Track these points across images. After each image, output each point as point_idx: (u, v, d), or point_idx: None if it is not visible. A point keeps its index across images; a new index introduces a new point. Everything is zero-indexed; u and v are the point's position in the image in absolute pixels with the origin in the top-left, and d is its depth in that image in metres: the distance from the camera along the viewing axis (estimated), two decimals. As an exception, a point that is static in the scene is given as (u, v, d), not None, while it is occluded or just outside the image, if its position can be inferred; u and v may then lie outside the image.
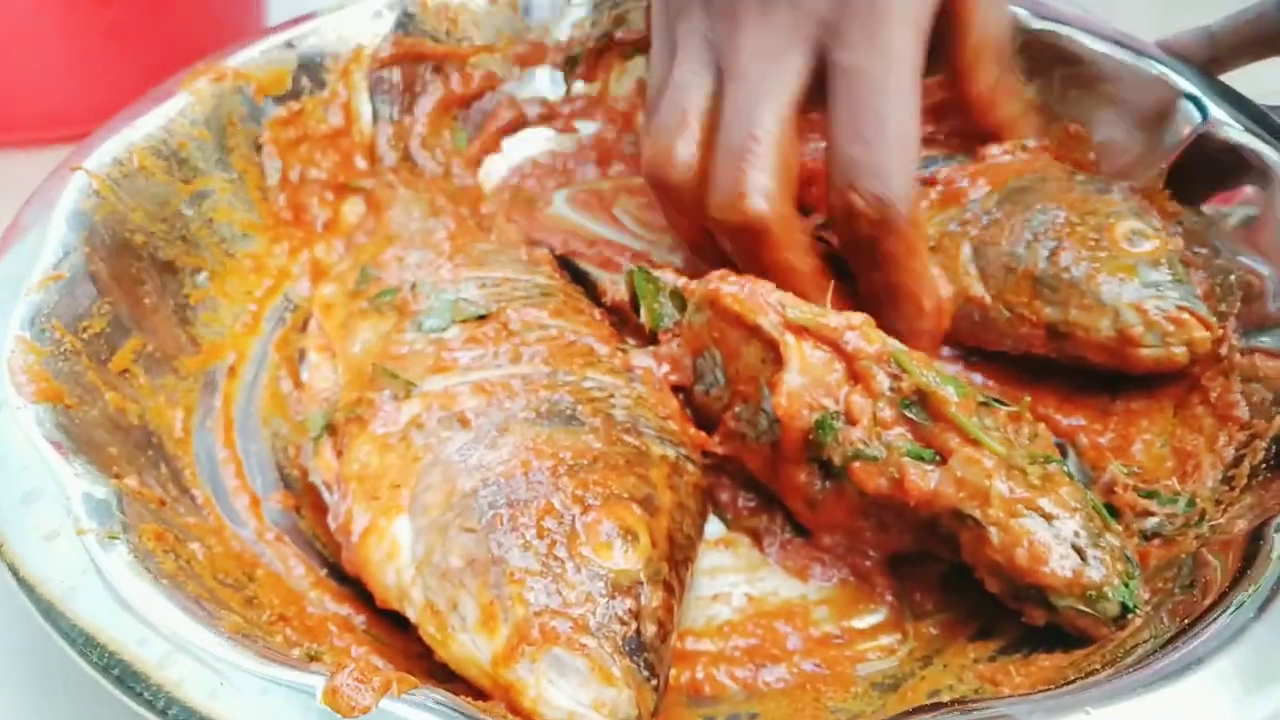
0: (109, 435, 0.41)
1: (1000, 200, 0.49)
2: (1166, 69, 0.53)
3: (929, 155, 0.52)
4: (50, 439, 0.37)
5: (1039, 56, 0.56)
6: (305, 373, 0.49)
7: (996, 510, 0.37)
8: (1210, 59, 0.53)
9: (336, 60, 0.57)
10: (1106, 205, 0.48)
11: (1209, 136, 0.50)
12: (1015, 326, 0.47)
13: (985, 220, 0.49)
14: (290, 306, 0.53)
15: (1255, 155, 0.48)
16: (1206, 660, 0.32)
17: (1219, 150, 0.50)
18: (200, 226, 0.51)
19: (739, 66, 0.46)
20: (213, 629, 0.32)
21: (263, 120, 0.54)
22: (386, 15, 0.59)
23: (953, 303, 0.48)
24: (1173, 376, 0.46)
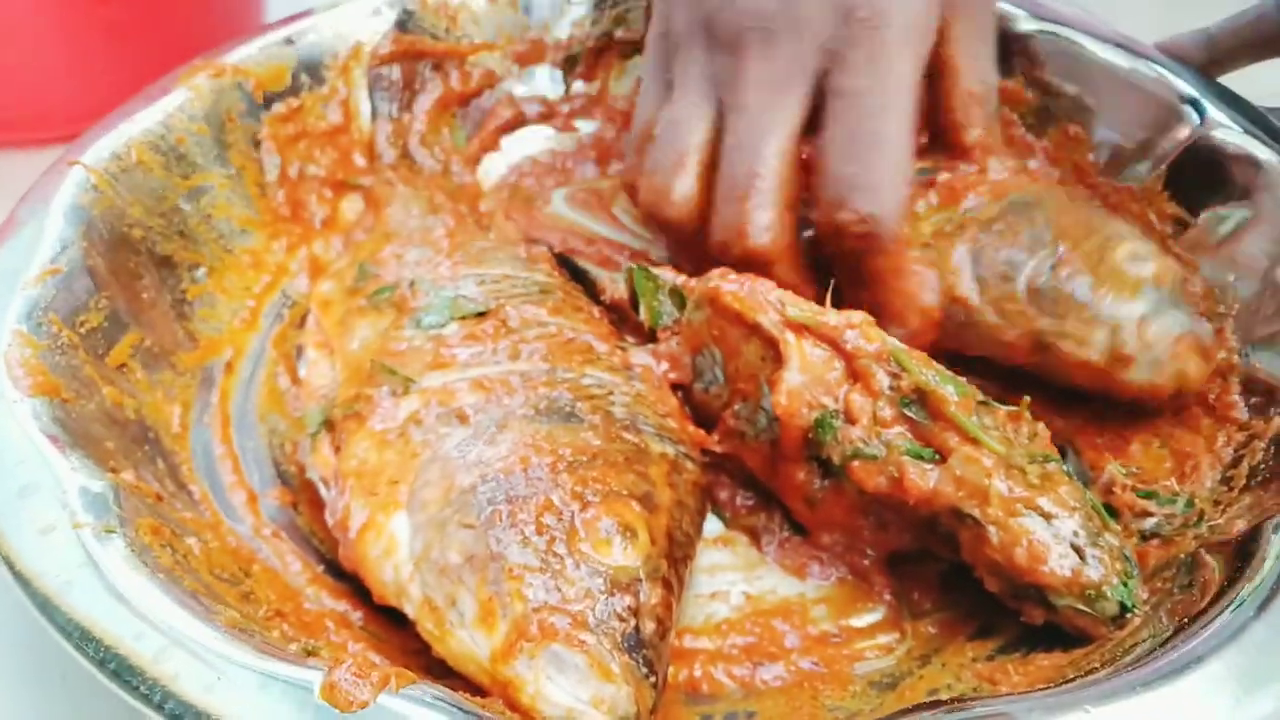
0: (106, 429, 0.40)
1: (1003, 210, 0.49)
2: (1165, 70, 0.53)
3: (924, 166, 0.52)
4: (47, 433, 0.37)
5: (1038, 58, 0.56)
6: (303, 369, 0.49)
7: (996, 509, 0.37)
8: (1209, 61, 0.53)
9: (336, 57, 0.57)
10: (1110, 226, 0.47)
11: (1207, 138, 0.50)
12: (1000, 332, 0.46)
13: (985, 225, 0.48)
14: (288, 303, 0.53)
15: (1254, 157, 0.49)
16: (1205, 659, 0.32)
17: (1218, 152, 0.50)
18: (198, 222, 0.51)
19: (741, 99, 0.46)
20: (209, 623, 0.32)
21: (261, 116, 0.54)
22: (386, 12, 0.59)
23: (939, 300, 0.47)
24: (1146, 408, 0.45)
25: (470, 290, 0.47)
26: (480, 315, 0.45)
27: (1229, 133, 0.50)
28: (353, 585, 0.40)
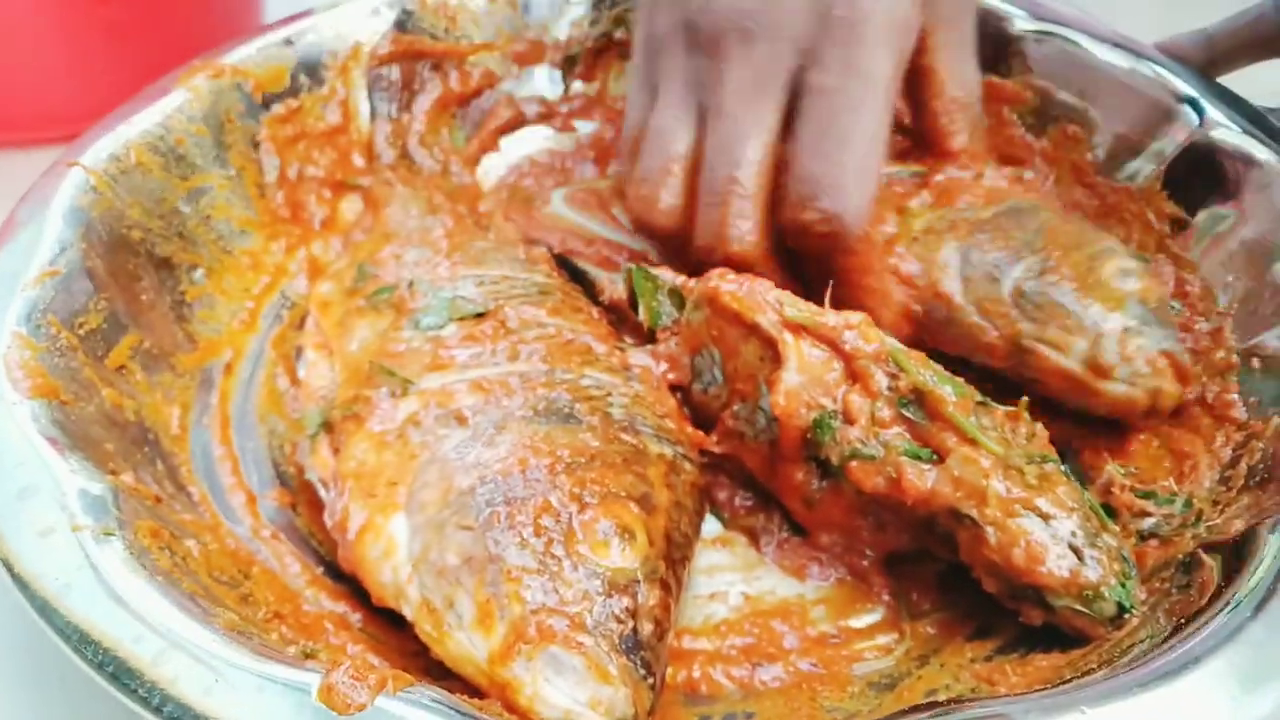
0: (105, 431, 0.41)
1: (996, 214, 0.49)
2: (1164, 71, 0.53)
3: (917, 169, 0.52)
4: (46, 435, 0.37)
5: (1037, 57, 0.56)
6: (302, 370, 0.49)
7: (993, 510, 0.37)
8: (1208, 61, 0.53)
9: (335, 58, 0.57)
10: (1100, 240, 0.47)
11: (1206, 138, 0.50)
12: (980, 332, 0.46)
13: (976, 227, 0.48)
14: (287, 304, 0.53)
15: (1252, 157, 0.49)
16: (1203, 659, 0.32)
17: (1216, 152, 0.50)
18: (197, 223, 0.51)
19: (721, 103, 0.46)
20: (208, 626, 0.32)
21: (260, 117, 0.54)
22: (385, 13, 0.59)
23: (921, 294, 0.47)
24: (1115, 422, 0.45)
25: (469, 291, 0.47)
26: (479, 316, 0.45)
27: (1228, 132, 0.50)
28: (352, 587, 0.40)
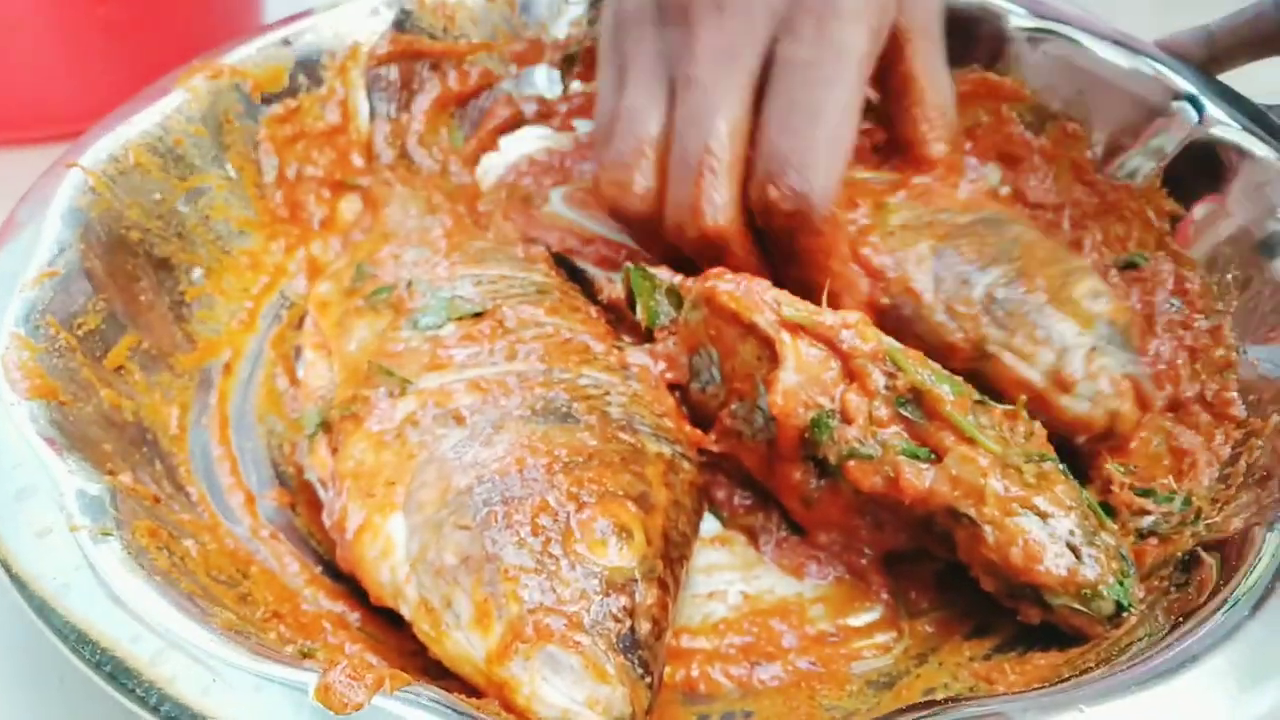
0: (103, 432, 0.41)
1: (974, 220, 0.49)
2: (1164, 68, 0.53)
3: (892, 177, 0.52)
4: (44, 435, 0.37)
5: (1037, 55, 0.56)
6: (301, 370, 0.49)
7: (991, 509, 0.37)
8: (1208, 58, 0.53)
9: (334, 58, 0.57)
10: (1074, 261, 0.47)
11: (1206, 135, 0.50)
12: (945, 332, 0.45)
13: (954, 230, 0.48)
14: (286, 304, 0.53)
15: (1252, 154, 0.48)
16: (1201, 658, 0.32)
17: (1216, 149, 0.50)
18: (196, 223, 0.51)
19: (692, 73, 0.45)
20: (206, 626, 0.32)
21: (259, 117, 0.54)
22: (384, 12, 0.59)
23: (889, 288, 0.47)
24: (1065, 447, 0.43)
25: (467, 291, 0.47)
26: (477, 316, 0.45)
27: (1228, 130, 0.50)
28: (350, 586, 0.40)
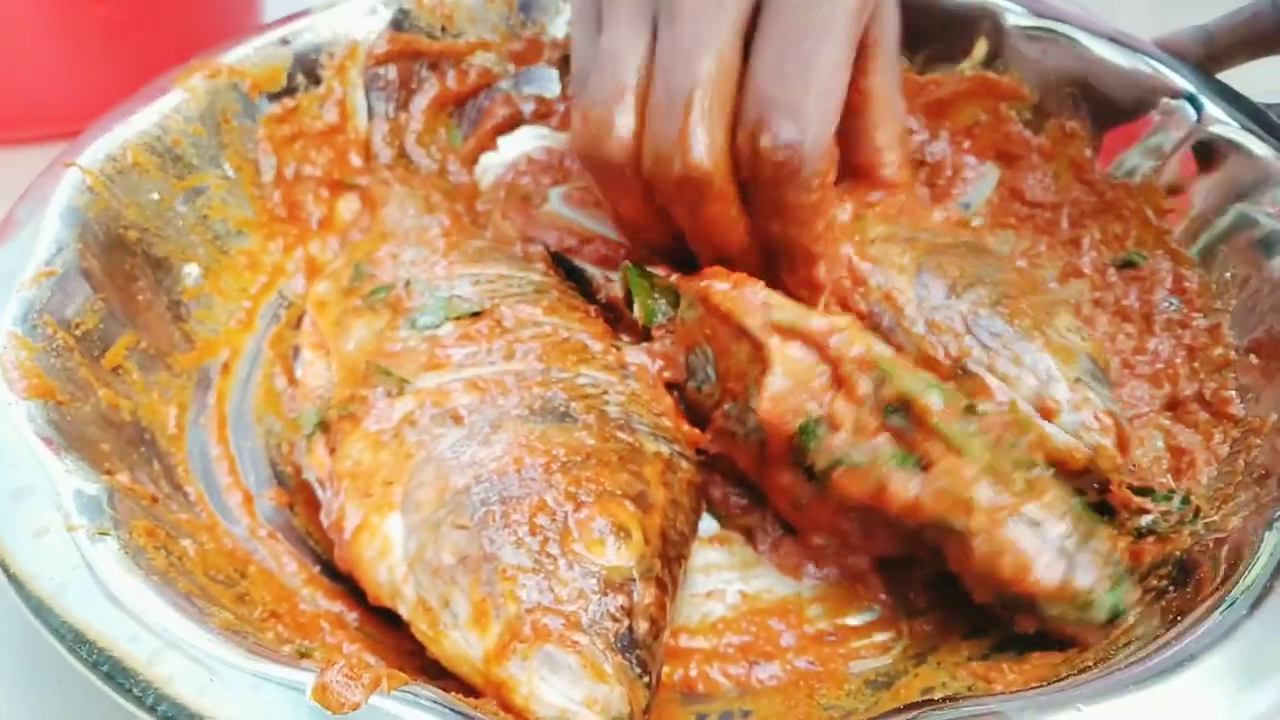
0: (101, 431, 0.41)
1: (955, 242, 0.48)
2: (1163, 67, 0.53)
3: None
4: (41, 435, 0.37)
5: (1036, 53, 0.56)
6: (299, 370, 0.49)
7: (980, 519, 0.36)
8: (1207, 57, 0.53)
9: (332, 57, 0.57)
10: (1054, 294, 0.46)
11: (1205, 134, 0.50)
12: (926, 346, 0.44)
13: (936, 249, 0.47)
14: (285, 303, 0.53)
15: (1251, 152, 0.48)
16: (1199, 657, 0.32)
17: (1215, 147, 0.50)
18: (194, 223, 0.51)
19: (676, 7, 0.42)
20: (203, 625, 0.32)
21: (257, 117, 0.54)
22: (382, 11, 0.59)
23: (869, 295, 0.45)
24: None
25: (465, 290, 0.47)
26: (475, 315, 0.45)
27: (1226, 128, 0.50)
28: (348, 586, 0.40)
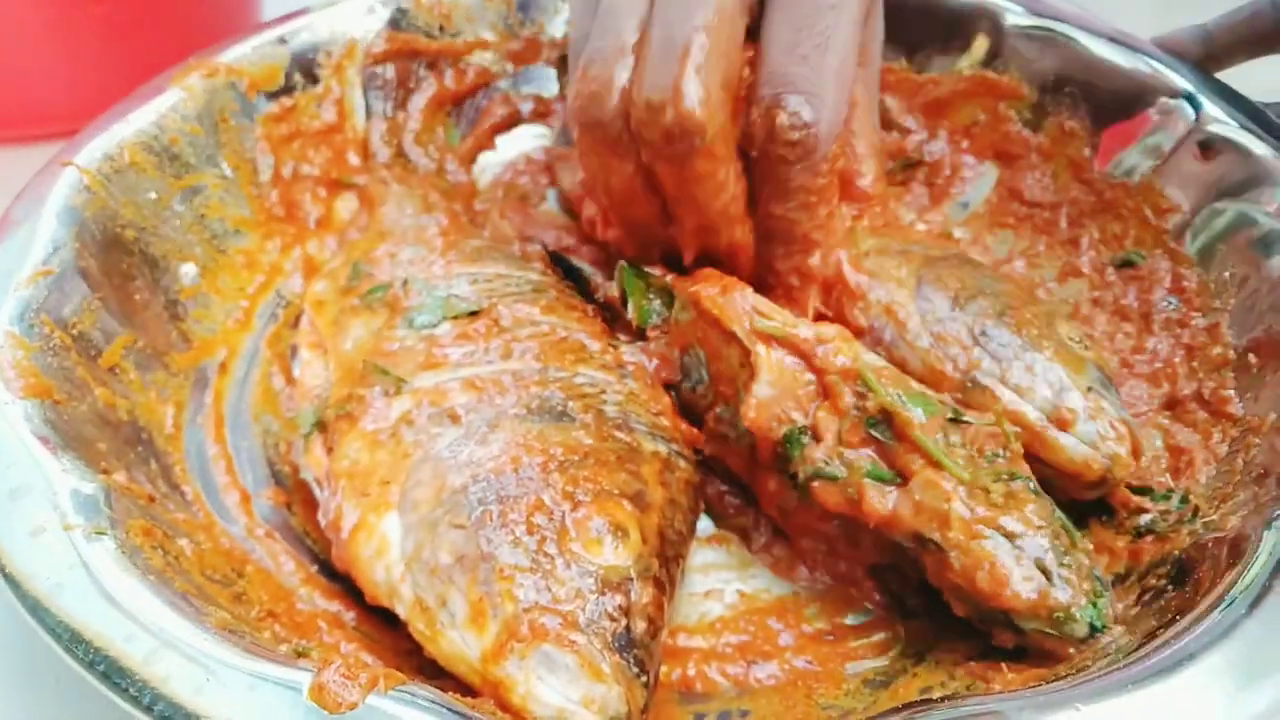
0: (98, 431, 0.40)
1: (948, 254, 0.47)
2: (1162, 66, 0.53)
3: None
4: (38, 434, 0.37)
5: (1035, 53, 0.56)
6: (297, 369, 0.49)
7: (956, 533, 0.36)
8: (1206, 56, 0.53)
9: (330, 56, 0.57)
10: (1048, 303, 0.46)
11: (1204, 133, 0.50)
12: (933, 360, 0.43)
13: (930, 262, 0.46)
14: (282, 303, 0.52)
15: (1249, 151, 0.48)
16: (1198, 656, 0.32)
17: (1214, 146, 0.50)
18: (192, 222, 0.51)
19: None
20: (200, 625, 0.32)
21: (255, 116, 0.54)
22: (380, 11, 0.59)
23: (868, 309, 0.45)
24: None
25: (463, 289, 0.46)
26: (473, 314, 0.45)
27: (1225, 127, 0.50)
28: (346, 586, 0.40)
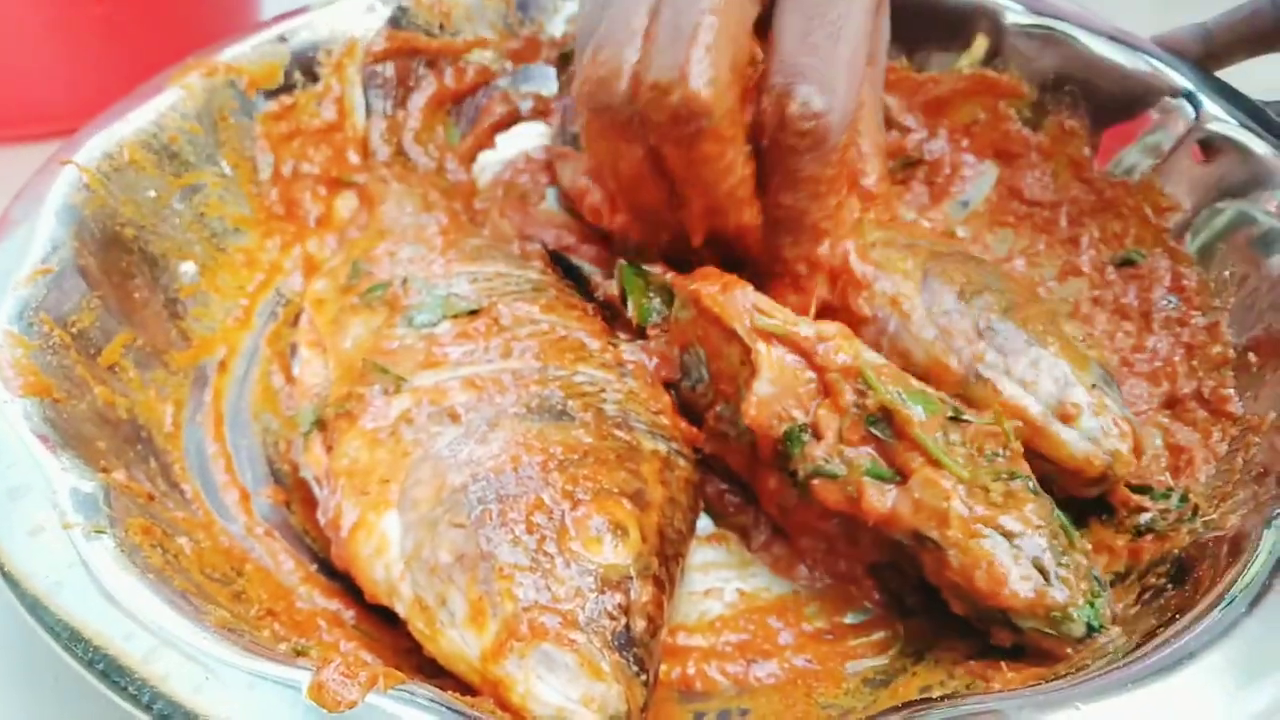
0: (97, 429, 0.40)
1: (953, 249, 0.47)
2: (1162, 65, 0.53)
3: None
4: (37, 433, 0.37)
5: (1035, 51, 0.56)
6: (296, 367, 0.48)
7: (955, 531, 0.36)
8: (1206, 55, 0.53)
9: (330, 54, 0.57)
10: (1050, 301, 0.46)
11: (1204, 131, 0.50)
12: (937, 351, 0.43)
13: (936, 256, 0.46)
14: (282, 301, 0.52)
15: (1249, 149, 0.48)
16: (1198, 655, 0.32)
17: (1214, 145, 0.50)
18: (191, 221, 0.51)
19: None
20: (199, 623, 0.32)
21: (255, 114, 0.54)
22: (380, 9, 0.59)
23: (872, 299, 0.45)
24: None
25: (463, 288, 0.46)
26: (472, 313, 0.45)
27: (1225, 126, 0.50)
28: (345, 584, 0.40)
